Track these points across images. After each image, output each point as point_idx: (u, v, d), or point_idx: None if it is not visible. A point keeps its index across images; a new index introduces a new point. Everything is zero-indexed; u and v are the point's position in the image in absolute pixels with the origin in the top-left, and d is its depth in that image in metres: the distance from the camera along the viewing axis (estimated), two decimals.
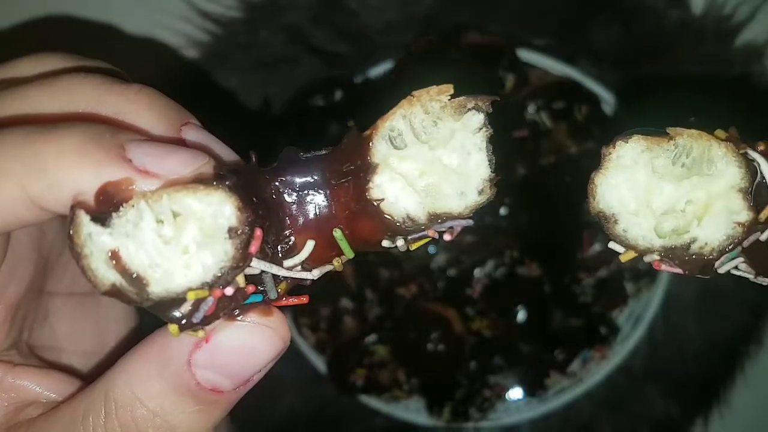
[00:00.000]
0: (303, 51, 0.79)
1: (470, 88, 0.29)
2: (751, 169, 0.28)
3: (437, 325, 0.71)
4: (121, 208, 0.26)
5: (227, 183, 0.26)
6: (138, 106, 0.30)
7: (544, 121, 0.71)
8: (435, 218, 0.28)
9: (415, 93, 0.29)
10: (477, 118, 0.28)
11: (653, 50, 0.78)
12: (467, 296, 0.73)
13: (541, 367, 0.79)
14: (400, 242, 0.29)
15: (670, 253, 0.29)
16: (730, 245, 0.28)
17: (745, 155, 0.28)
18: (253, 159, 0.29)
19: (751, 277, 0.29)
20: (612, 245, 0.30)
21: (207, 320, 0.27)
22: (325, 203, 0.29)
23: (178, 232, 0.26)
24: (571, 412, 0.86)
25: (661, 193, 0.29)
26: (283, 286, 0.29)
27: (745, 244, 0.28)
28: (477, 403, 0.77)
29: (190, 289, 0.26)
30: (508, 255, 0.74)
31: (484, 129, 0.28)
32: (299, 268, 0.29)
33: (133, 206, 0.26)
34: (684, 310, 0.83)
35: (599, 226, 0.79)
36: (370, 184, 0.28)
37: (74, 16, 0.82)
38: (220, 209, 0.26)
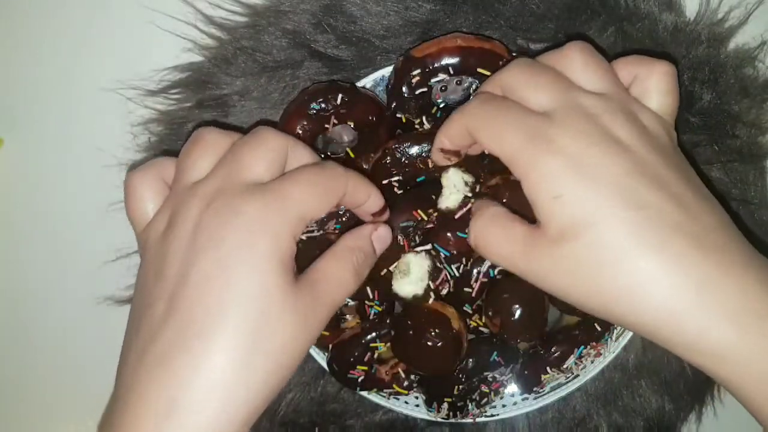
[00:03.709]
0: (305, 55, 0.80)
1: None
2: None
3: (436, 322, 0.72)
4: None
5: None
6: None
7: None
8: None
9: None
10: None
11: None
12: (466, 294, 0.74)
13: (537, 363, 0.80)
14: None
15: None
16: None
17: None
18: None
19: None
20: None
21: None
22: None
23: None
24: (566, 407, 0.87)
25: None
26: None
27: None
28: (475, 399, 0.78)
29: None
30: None
31: None
32: None
33: None
34: None
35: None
36: None
37: (74, 18, 0.82)
38: None
